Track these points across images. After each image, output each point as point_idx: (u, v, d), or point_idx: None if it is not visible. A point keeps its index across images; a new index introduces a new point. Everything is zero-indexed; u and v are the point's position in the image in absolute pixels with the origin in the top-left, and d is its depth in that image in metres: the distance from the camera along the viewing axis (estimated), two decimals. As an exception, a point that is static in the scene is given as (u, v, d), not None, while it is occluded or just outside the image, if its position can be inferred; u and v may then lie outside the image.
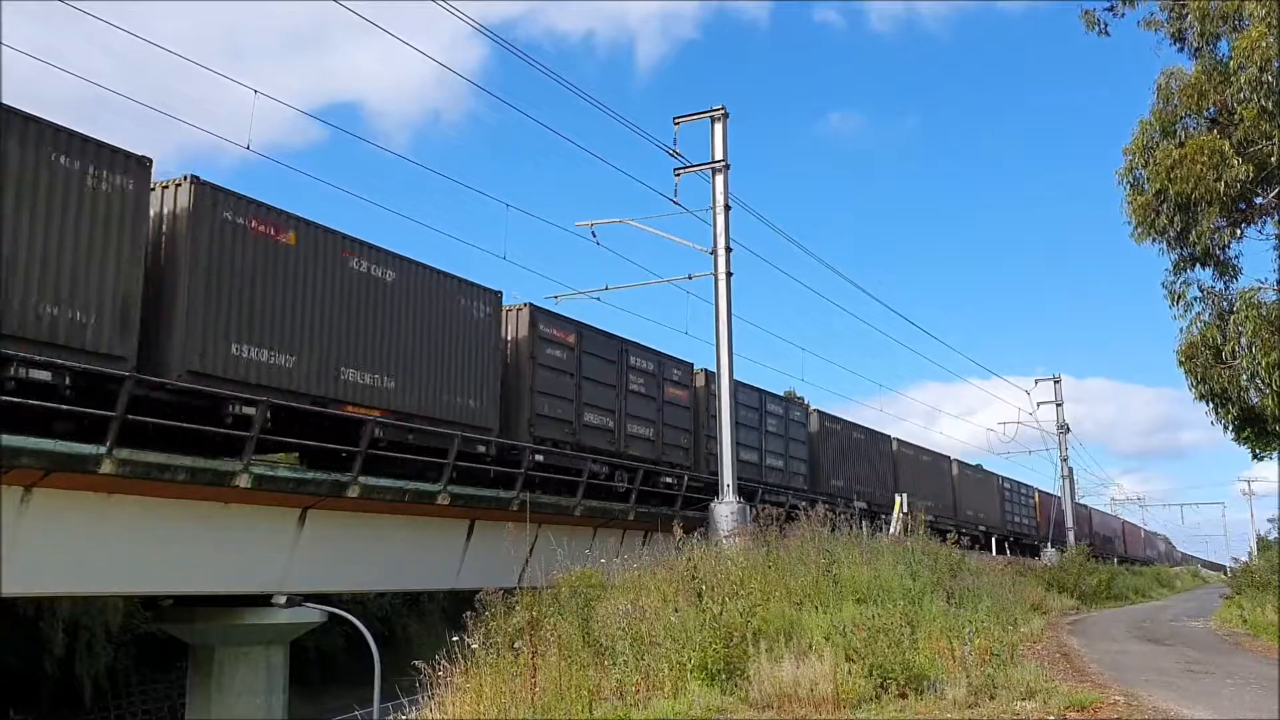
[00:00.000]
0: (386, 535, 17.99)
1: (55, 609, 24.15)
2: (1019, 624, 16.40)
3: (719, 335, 20.31)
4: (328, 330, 16.67)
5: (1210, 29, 15.59)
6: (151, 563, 14.55)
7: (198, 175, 15.07)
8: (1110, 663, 13.40)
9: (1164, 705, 9.61)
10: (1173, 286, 17.09)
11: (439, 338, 18.92)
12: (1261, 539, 50.06)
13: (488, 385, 19.95)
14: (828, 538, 14.71)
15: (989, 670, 9.44)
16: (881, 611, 10.53)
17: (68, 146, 13.41)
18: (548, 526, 18.24)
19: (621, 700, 8.67)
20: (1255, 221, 16.65)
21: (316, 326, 16.47)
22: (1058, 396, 48.70)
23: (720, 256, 20.52)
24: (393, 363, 17.91)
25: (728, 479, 19.74)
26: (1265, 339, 14.64)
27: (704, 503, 20.71)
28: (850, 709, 8.50)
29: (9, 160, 12.68)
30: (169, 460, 13.92)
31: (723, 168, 20.88)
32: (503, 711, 8.62)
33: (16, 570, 12.71)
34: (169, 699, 26.55)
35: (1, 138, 12.63)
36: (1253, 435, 17.51)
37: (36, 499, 12.93)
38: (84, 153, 13.60)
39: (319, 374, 16.43)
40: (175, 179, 15.22)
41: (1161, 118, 16.22)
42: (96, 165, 13.70)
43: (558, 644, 9.68)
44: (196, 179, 15.02)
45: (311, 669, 27.46)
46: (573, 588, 11.54)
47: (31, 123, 13.04)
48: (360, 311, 17.31)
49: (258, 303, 15.59)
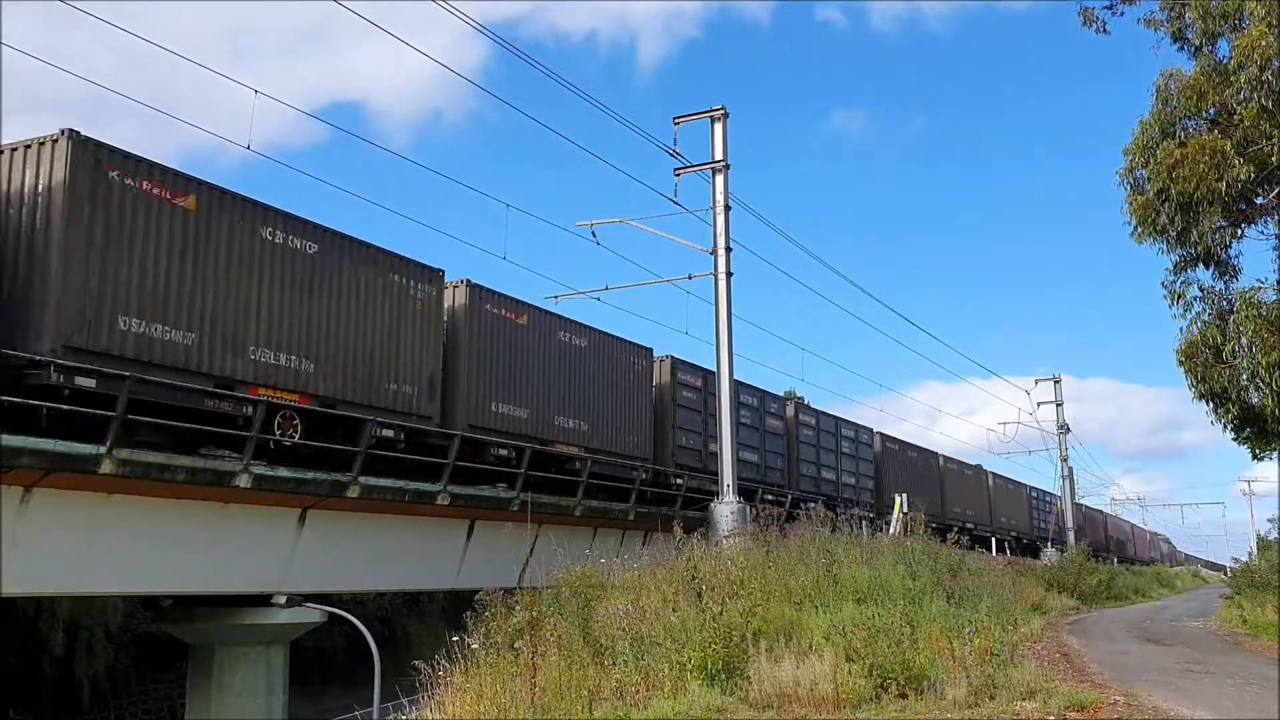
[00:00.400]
0: (386, 535, 17.99)
1: (55, 609, 24.15)
2: (1019, 624, 16.40)
3: (719, 335, 20.32)
4: (545, 388, 21.47)
5: (1211, 28, 15.57)
6: (151, 563, 14.54)
7: (470, 279, 19.93)
8: (1110, 663, 13.40)
9: (1164, 705, 9.61)
10: (1173, 286, 17.08)
11: (615, 388, 24.01)
12: (1261, 539, 49.92)
13: (643, 423, 24.87)
14: (828, 538, 14.72)
15: (989, 670, 9.44)
16: (881, 611, 10.53)
17: (397, 267, 18.17)
18: (548, 527, 18.26)
19: (621, 700, 8.67)
20: (1255, 221, 16.64)
21: (538, 385, 21.21)
22: (1058, 396, 48.72)
23: (720, 256, 20.53)
24: (586, 409, 22.77)
25: (728, 479, 19.74)
26: (1265, 339, 14.64)
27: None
28: (850, 709, 8.50)
29: (363, 280, 17.48)
30: (169, 460, 13.92)
31: (723, 168, 20.89)
32: (503, 711, 8.62)
33: (16, 570, 12.71)
34: (169, 699, 26.54)
35: (359, 265, 17.38)
36: (1252, 435, 17.51)
37: (36, 499, 12.93)
38: (407, 270, 18.37)
39: (541, 421, 21.19)
40: (454, 282, 19.79)
41: (1161, 119, 16.21)
42: (415, 279, 18.54)
43: (558, 644, 9.68)
44: (470, 282, 19.90)
45: (311, 669, 27.42)
46: (573, 588, 11.53)
47: (375, 250, 17.84)
48: (564, 372, 22.24)
49: (504, 370, 20.41)
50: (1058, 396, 48.71)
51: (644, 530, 23.39)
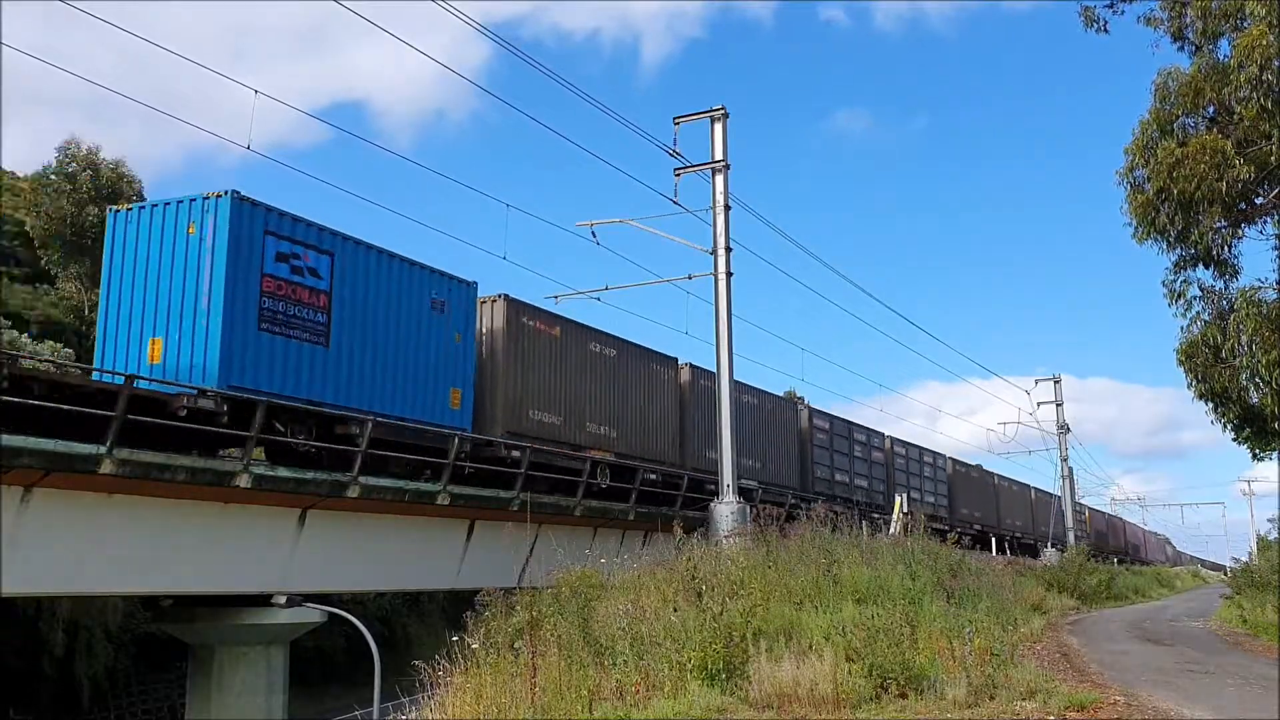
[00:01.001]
0: (386, 535, 17.99)
1: (55, 609, 24.12)
2: (1019, 624, 16.40)
3: (719, 335, 20.31)
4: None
5: (1211, 27, 15.56)
6: (151, 563, 14.54)
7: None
8: (1110, 662, 13.40)
9: (1164, 705, 9.61)
10: (1173, 286, 17.05)
11: (776, 432, 31.10)
12: (1261, 539, 49.84)
13: (792, 458, 31.83)
14: (828, 538, 14.71)
15: (989, 670, 9.44)
16: (881, 611, 10.53)
17: (656, 359, 26.06)
18: (548, 527, 18.26)
19: (621, 700, 8.67)
20: (1255, 221, 16.63)
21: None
22: (1058, 396, 48.71)
23: (720, 256, 20.53)
24: (759, 451, 29.57)
25: (728, 479, 19.73)
26: (1265, 337, 14.62)
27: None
28: (850, 709, 8.50)
29: (637, 372, 24.95)
30: (169, 460, 13.93)
31: (722, 168, 20.88)
32: (503, 711, 8.62)
33: (16, 570, 12.71)
34: (169, 699, 26.52)
35: (635, 361, 24.87)
36: (1252, 435, 17.49)
37: (36, 499, 12.93)
38: (660, 360, 26.09)
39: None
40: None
41: (1160, 117, 16.18)
42: (663, 365, 26.08)
43: (558, 644, 9.68)
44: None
45: (311, 669, 27.42)
46: (573, 588, 11.53)
47: (643, 350, 25.51)
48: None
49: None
50: (1058, 396, 48.71)
51: (644, 530, 23.40)
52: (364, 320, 17.31)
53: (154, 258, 15.59)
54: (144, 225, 15.83)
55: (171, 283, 15.37)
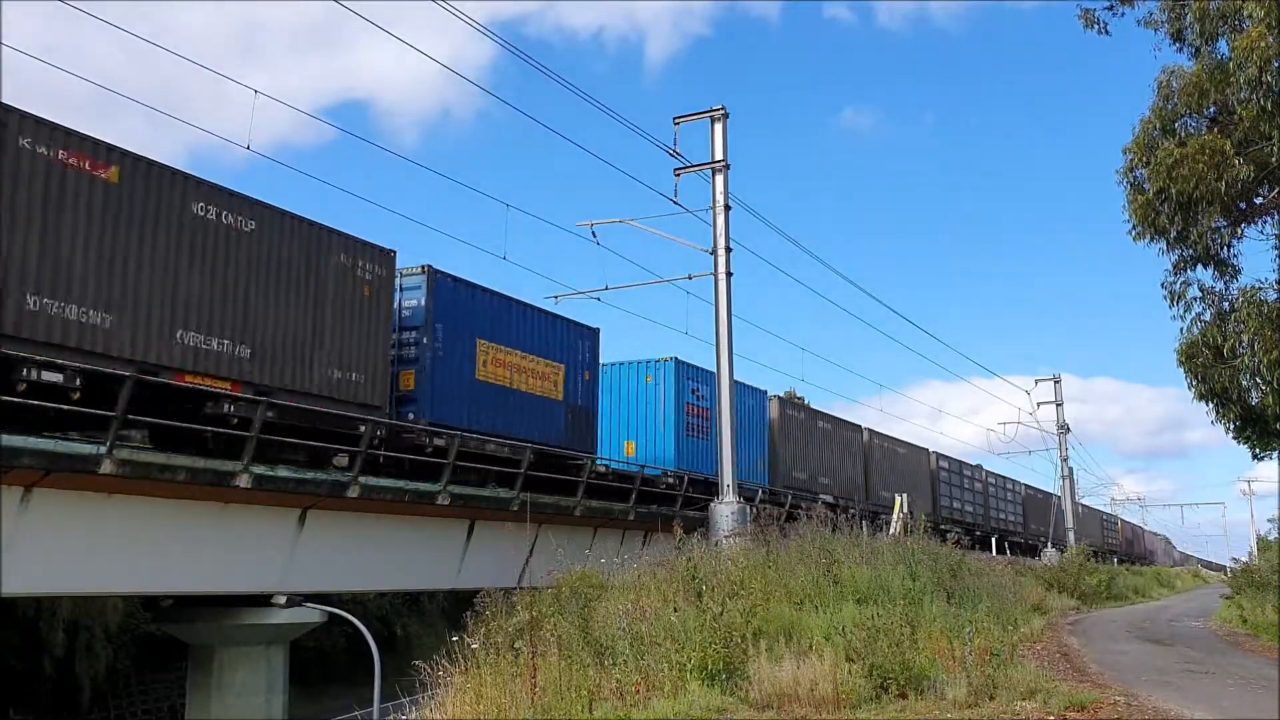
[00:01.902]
0: (386, 535, 17.99)
1: (55, 609, 24.12)
2: (1019, 624, 16.40)
3: (719, 335, 20.32)
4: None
5: (1208, 29, 15.54)
6: (151, 563, 14.53)
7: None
8: (1110, 662, 13.41)
9: (1164, 705, 9.61)
10: (1173, 286, 17.02)
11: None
12: (1261, 539, 49.84)
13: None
14: (828, 538, 14.71)
15: (989, 670, 9.44)
16: (881, 612, 10.53)
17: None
18: (548, 527, 18.27)
19: (621, 700, 8.67)
20: (1255, 221, 16.61)
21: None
22: (1058, 396, 48.76)
23: (720, 256, 20.53)
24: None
25: (728, 479, 19.73)
26: (1266, 337, 14.60)
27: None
28: (850, 709, 8.51)
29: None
30: (169, 460, 13.93)
31: (722, 168, 20.89)
32: (503, 711, 8.62)
33: (16, 570, 12.70)
34: (169, 699, 26.51)
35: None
36: (1253, 435, 17.46)
37: (36, 499, 12.92)
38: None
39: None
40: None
41: (1161, 116, 16.16)
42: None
43: (558, 644, 9.68)
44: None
45: (311, 669, 27.42)
46: (573, 588, 11.54)
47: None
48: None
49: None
50: (1058, 396, 48.76)
51: (644, 530, 23.40)
52: (714, 420, 23.86)
53: (627, 394, 26.00)
54: (619, 374, 26.07)
55: (638, 409, 25.94)
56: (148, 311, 14.03)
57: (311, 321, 16.44)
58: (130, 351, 13.71)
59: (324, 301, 16.71)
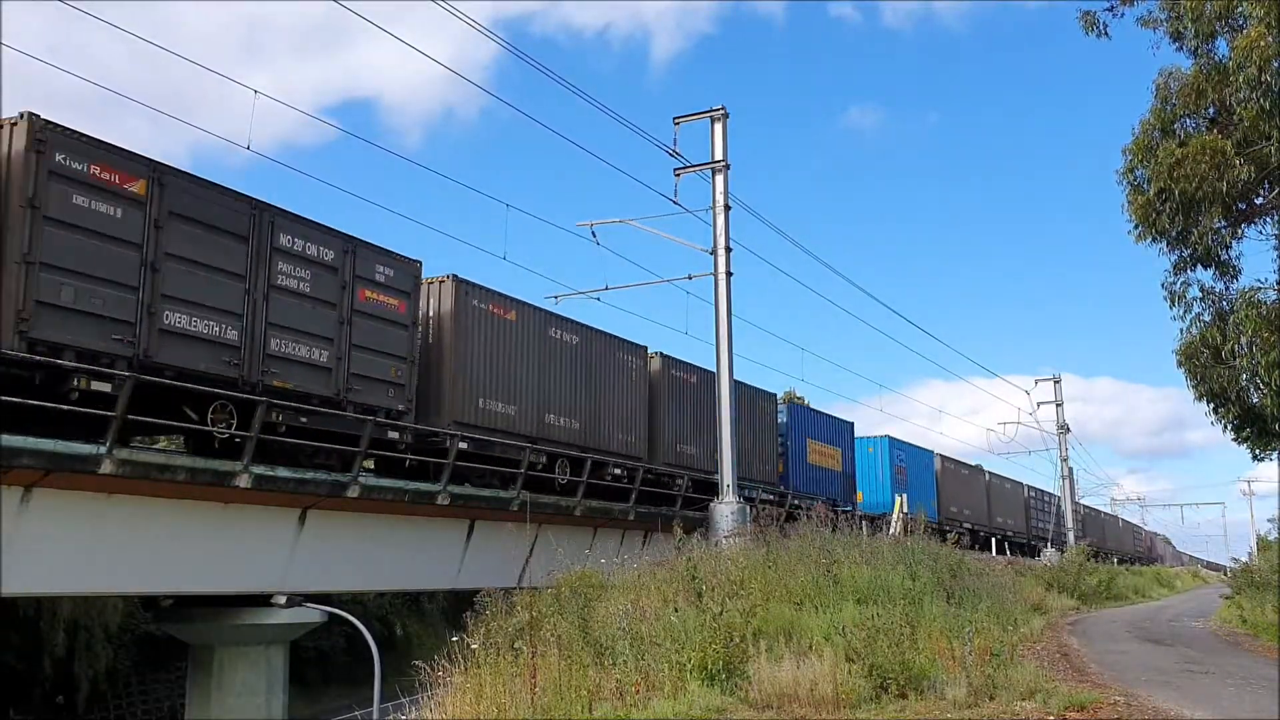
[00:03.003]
0: (386, 535, 17.99)
1: (55, 609, 24.12)
2: (1019, 624, 16.40)
3: (719, 335, 20.32)
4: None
5: (1205, 29, 15.54)
6: (151, 563, 14.54)
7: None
8: (1110, 662, 13.41)
9: (1164, 705, 9.61)
10: (1172, 287, 17.02)
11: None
12: (1261, 539, 49.83)
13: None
14: (828, 538, 14.70)
15: (989, 670, 9.43)
16: (881, 612, 10.52)
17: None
18: (548, 527, 18.25)
19: (621, 700, 8.66)
20: (1255, 221, 16.61)
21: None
22: (1058, 397, 48.77)
23: (720, 256, 20.53)
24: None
25: (728, 479, 19.74)
26: (1265, 338, 14.59)
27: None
28: (850, 709, 8.50)
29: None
30: (168, 460, 13.96)
31: (722, 168, 20.89)
32: (503, 711, 8.62)
33: (16, 570, 12.70)
34: (169, 699, 26.52)
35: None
36: (1253, 435, 17.45)
37: (36, 499, 12.93)
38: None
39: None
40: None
41: (1161, 117, 16.15)
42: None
43: (558, 644, 9.68)
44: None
45: (311, 669, 27.44)
46: (573, 588, 11.54)
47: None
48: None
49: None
50: (1058, 397, 48.78)
51: (644, 530, 23.40)
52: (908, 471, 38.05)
53: (863, 465, 36.64)
54: (860, 447, 36.66)
55: (868, 474, 36.90)
56: (531, 402, 20.85)
57: (604, 402, 23.23)
58: (523, 429, 20.52)
59: (614, 387, 23.67)
